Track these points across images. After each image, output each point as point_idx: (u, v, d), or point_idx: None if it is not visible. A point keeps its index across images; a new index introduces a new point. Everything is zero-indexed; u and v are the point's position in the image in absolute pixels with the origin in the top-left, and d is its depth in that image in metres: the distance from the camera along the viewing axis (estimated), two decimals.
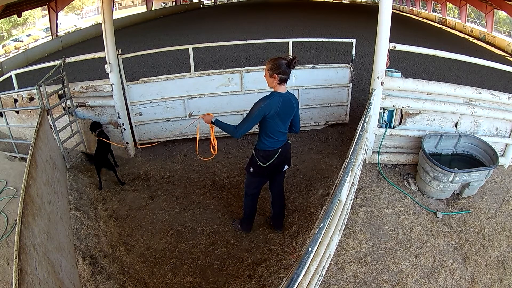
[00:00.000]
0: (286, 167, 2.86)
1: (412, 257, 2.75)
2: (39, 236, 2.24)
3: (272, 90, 2.57)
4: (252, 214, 3.12)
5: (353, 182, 2.70)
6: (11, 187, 3.85)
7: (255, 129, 2.67)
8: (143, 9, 24.58)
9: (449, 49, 4.64)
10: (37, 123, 3.32)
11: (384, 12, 3.17)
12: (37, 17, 24.58)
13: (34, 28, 24.37)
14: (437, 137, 3.54)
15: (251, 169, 2.78)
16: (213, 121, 2.67)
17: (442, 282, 2.56)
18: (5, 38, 22.02)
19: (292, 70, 2.53)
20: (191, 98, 4.61)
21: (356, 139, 2.72)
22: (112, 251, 3.04)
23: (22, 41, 21.01)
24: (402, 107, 3.57)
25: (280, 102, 2.50)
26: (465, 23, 18.06)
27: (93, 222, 3.36)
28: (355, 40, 4.65)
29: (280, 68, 2.43)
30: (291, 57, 2.44)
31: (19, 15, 15.50)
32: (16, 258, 1.79)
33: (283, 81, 2.49)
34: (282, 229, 3.20)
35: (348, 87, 4.83)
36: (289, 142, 2.79)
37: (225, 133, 4.82)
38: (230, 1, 33.46)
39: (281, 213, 3.15)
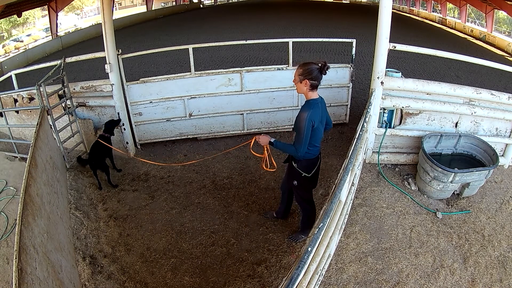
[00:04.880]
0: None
1: (412, 257, 2.75)
2: (39, 236, 2.24)
3: (304, 97, 2.50)
4: (314, 216, 2.94)
5: (353, 182, 2.70)
6: (11, 187, 3.85)
7: (256, 129, 2.65)
8: (143, 9, 24.56)
9: (449, 49, 4.64)
10: (37, 123, 3.32)
11: (384, 12, 3.18)
12: (37, 17, 24.58)
13: (34, 28, 24.37)
14: (437, 137, 3.54)
15: (295, 182, 2.68)
16: (272, 141, 2.56)
17: (442, 282, 2.56)
18: (5, 38, 22.02)
19: (293, 70, 2.49)
20: (191, 98, 4.61)
21: (356, 139, 2.71)
22: (112, 251, 3.04)
23: (22, 41, 21.01)
24: (402, 107, 3.57)
25: (319, 108, 2.45)
26: (465, 23, 18.04)
27: (93, 222, 3.36)
28: (355, 40, 4.65)
29: (312, 74, 2.34)
30: (323, 62, 2.34)
31: (19, 15, 15.48)
32: (16, 258, 1.79)
33: (314, 87, 2.41)
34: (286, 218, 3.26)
35: (348, 87, 4.83)
36: None
37: (225, 133, 4.87)
38: (230, 1, 33.45)
39: (290, 204, 3.19)
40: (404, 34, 14.26)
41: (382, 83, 3.46)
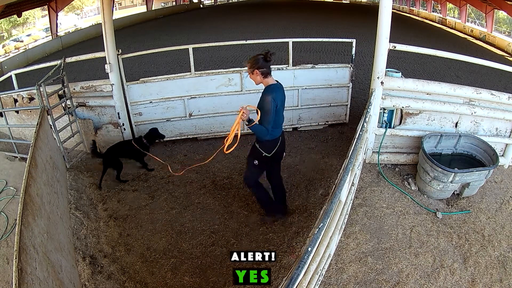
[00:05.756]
0: (284, 154, 3.05)
1: (412, 257, 2.75)
2: (39, 236, 2.24)
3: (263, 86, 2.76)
4: (270, 198, 3.21)
5: (353, 182, 2.70)
6: (11, 187, 3.85)
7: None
8: (143, 9, 24.53)
9: (449, 49, 4.64)
10: (37, 123, 3.32)
11: (384, 12, 3.18)
12: (37, 17, 24.53)
13: (34, 28, 24.32)
14: (437, 137, 3.54)
15: (256, 161, 2.89)
16: (250, 118, 2.68)
17: (442, 282, 2.56)
18: (5, 38, 21.99)
19: (293, 70, 2.56)
20: (191, 98, 4.61)
21: (356, 139, 2.72)
22: (112, 251, 3.04)
23: (22, 41, 20.95)
24: (402, 107, 3.57)
25: (280, 92, 2.74)
26: (465, 23, 18.04)
27: (93, 222, 3.36)
28: (355, 40, 4.65)
29: (258, 63, 2.64)
30: (266, 51, 2.64)
31: (19, 15, 15.49)
32: (16, 258, 1.79)
33: (266, 73, 2.69)
34: (285, 215, 3.29)
35: (348, 87, 4.83)
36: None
37: (225, 133, 4.86)
38: (230, 1, 33.45)
39: (284, 198, 3.26)
40: (404, 34, 14.26)
41: (382, 83, 3.46)
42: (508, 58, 12.29)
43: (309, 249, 1.61)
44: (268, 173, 3.17)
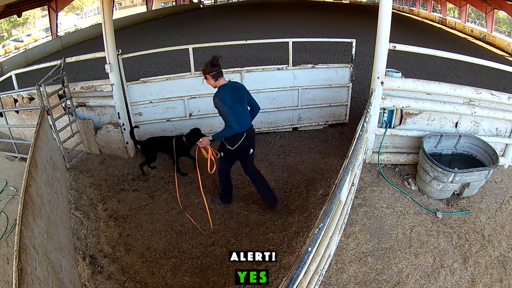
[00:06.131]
0: (252, 150, 3.21)
1: (412, 257, 2.75)
2: (39, 236, 2.24)
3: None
4: (230, 186, 3.49)
5: (353, 182, 2.70)
6: (11, 187, 3.85)
7: (256, 129, 2.76)
8: (143, 9, 24.52)
9: (449, 49, 4.64)
10: (37, 123, 3.32)
11: (384, 12, 3.18)
12: (37, 17, 24.52)
13: (34, 28, 24.31)
14: (437, 137, 3.54)
15: (222, 153, 3.15)
16: (211, 139, 3.02)
17: (442, 282, 2.56)
18: (5, 38, 21.98)
19: (293, 70, 2.58)
20: (191, 98, 4.61)
21: (356, 139, 2.72)
22: (112, 251, 3.04)
23: (22, 41, 20.94)
24: (402, 107, 3.58)
25: (228, 90, 2.92)
26: (465, 23, 18.03)
27: (93, 222, 3.36)
28: (355, 40, 4.65)
29: (207, 69, 2.89)
30: (212, 56, 2.88)
31: (19, 15, 15.48)
32: (16, 258, 1.79)
33: (217, 76, 2.92)
34: (279, 206, 3.38)
35: (348, 87, 4.83)
36: (253, 128, 3.17)
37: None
38: (230, 1, 33.43)
39: (265, 187, 3.32)
40: (404, 34, 14.26)
41: (382, 83, 3.46)
42: (508, 58, 12.28)
43: (309, 249, 1.61)
44: (243, 166, 3.34)
